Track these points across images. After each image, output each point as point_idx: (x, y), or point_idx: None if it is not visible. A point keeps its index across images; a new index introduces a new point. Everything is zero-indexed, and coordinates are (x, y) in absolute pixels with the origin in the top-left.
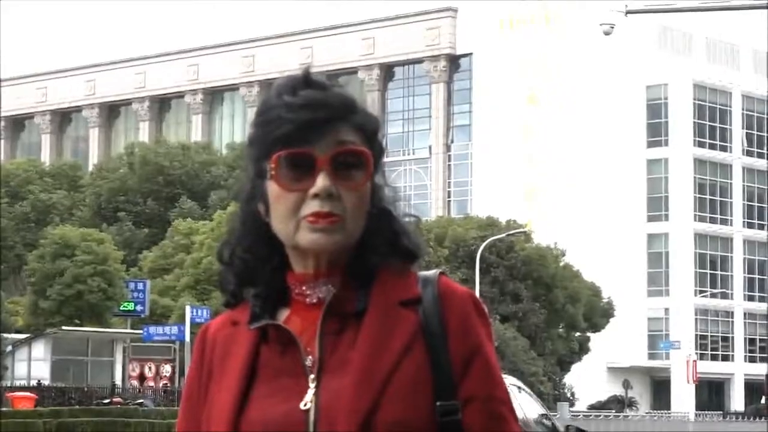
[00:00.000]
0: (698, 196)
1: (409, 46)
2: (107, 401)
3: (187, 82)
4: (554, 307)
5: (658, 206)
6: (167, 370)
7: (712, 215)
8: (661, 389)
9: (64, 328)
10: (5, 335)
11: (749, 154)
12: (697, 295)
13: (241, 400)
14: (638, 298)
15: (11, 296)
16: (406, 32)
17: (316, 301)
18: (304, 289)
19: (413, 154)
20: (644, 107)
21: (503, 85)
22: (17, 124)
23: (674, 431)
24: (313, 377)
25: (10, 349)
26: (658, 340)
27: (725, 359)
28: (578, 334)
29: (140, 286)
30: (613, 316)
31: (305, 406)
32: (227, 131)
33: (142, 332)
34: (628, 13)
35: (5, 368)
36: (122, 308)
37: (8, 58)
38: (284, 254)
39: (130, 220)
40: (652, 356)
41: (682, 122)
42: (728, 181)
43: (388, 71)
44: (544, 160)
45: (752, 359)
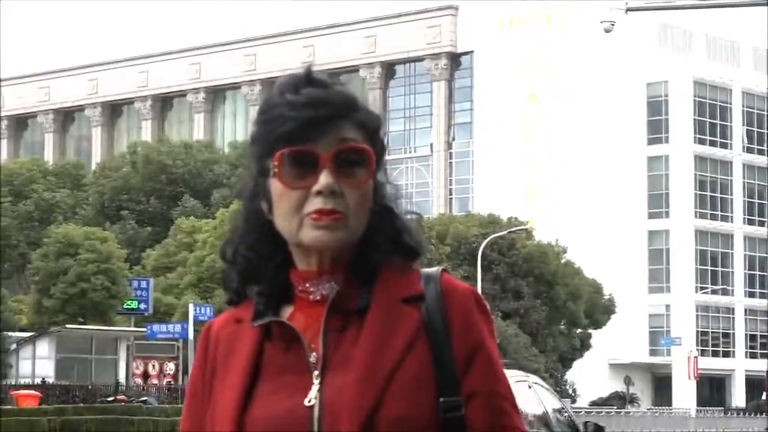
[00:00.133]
0: (699, 192)
1: (410, 44)
2: (111, 399)
3: (189, 80)
4: (556, 303)
5: (658, 203)
6: (171, 367)
7: (712, 212)
8: (662, 385)
9: (68, 326)
10: (9, 334)
11: (749, 150)
12: (697, 291)
13: (245, 397)
14: (639, 294)
15: (15, 295)
16: (407, 30)
17: (319, 298)
18: (307, 286)
19: (415, 151)
20: (645, 104)
21: (504, 82)
22: (20, 123)
23: (675, 427)
24: (317, 374)
25: (14, 347)
26: (659, 336)
27: (726, 355)
28: (579, 330)
29: (143, 284)
30: (614, 312)
31: (309, 402)
32: (229, 130)
33: (145, 330)
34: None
35: (9, 366)
36: (126, 306)
37: (11, 57)
38: (287, 252)
39: (133, 218)
40: (653, 353)
41: (682, 119)
42: (729, 177)
43: (389, 69)
44: (545, 157)
45: (753, 355)
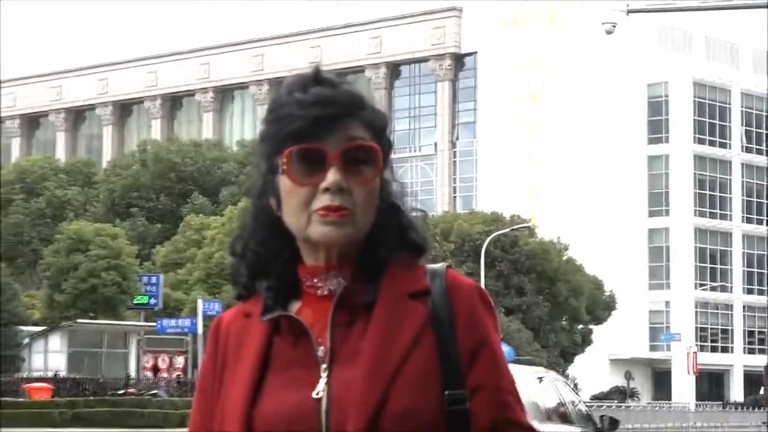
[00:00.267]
0: (698, 191)
1: (415, 45)
2: (122, 392)
3: (198, 80)
4: (557, 300)
5: (659, 202)
6: (180, 361)
7: (711, 210)
8: (662, 380)
9: (79, 321)
10: (22, 328)
11: (748, 150)
12: (697, 288)
13: (254, 390)
14: (640, 291)
15: (28, 290)
16: (412, 31)
17: (327, 293)
18: (315, 281)
19: (419, 150)
20: (645, 105)
21: (507, 83)
22: (33, 122)
23: (675, 421)
24: (324, 367)
25: (27, 341)
26: (659, 332)
27: (725, 351)
28: (581, 326)
29: (153, 279)
30: (615, 308)
31: (317, 395)
32: (237, 129)
33: (155, 325)
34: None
35: (22, 360)
36: (136, 302)
37: (23, 57)
38: (296, 247)
39: (143, 215)
40: (653, 348)
41: (682, 119)
42: (728, 177)
43: (394, 70)
44: (547, 156)
45: (751, 351)
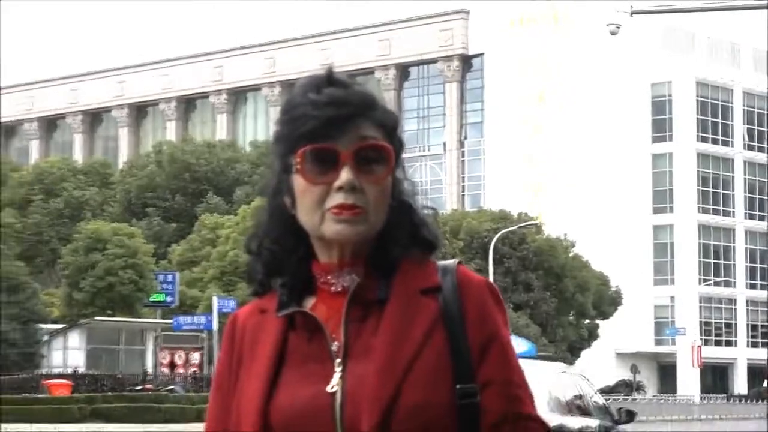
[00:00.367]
0: (701, 189)
1: (423, 46)
2: (139, 388)
3: (211, 83)
4: (564, 295)
5: (663, 199)
6: (196, 357)
7: (714, 207)
8: (667, 373)
9: (97, 318)
10: (42, 326)
11: (750, 148)
12: (701, 283)
13: (270, 385)
14: (645, 286)
15: (47, 288)
16: (420, 34)
17: (340, 289)
18: (329, 278)
19: (428, 150)
20: (649, 104)
21: (514, 83)
22: (50, 124)
23: (680, 414)
24: (338, 362)
25: (46, 338)
26: (664, 326)
27: (728, 345)
28: (588, 321)
29: (169, 278)
30: (620, 304)
31: (332, 389)
32: (251, 130)
33: (171, 322)
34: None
35: (42, 357)
36: (152, 299)
37: (41, 61)
38: (310, 245)
39: (158, 215)
40: (658, 342)
41: (685, 118)
42: (730, 174)
43: (403, 71)
44: (553, 155)
45: (754, 344)
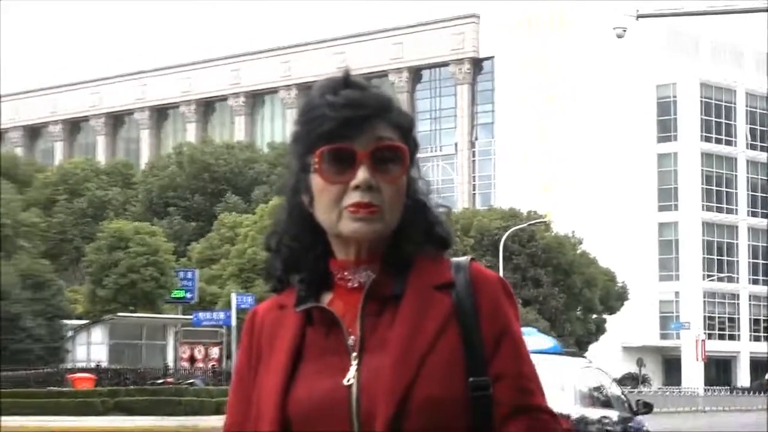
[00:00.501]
0: (705, 187)
1: (435, 50)
2: (160, 381)
3: (230, 86)
4: (572, 291)
5: (668, 197)
6: (215, 352)
7: (718, 205)
8: (672, 367)
9: (119, 314)
10: (66, 321)
11: (753, 147)
12: (705, 279)
13: (288, 378)
14: (650, 282)
15: (71, 285)
16: (432, 37)
17: (357, 285)
18: (345, 274)
19: (440, 150)
20: (654, 105)
21: (523, 86)
22: (74, 126)
23: (685, 406)
24: (355, 355)
25: (71, 334)
26: (669, 321)
27: (732, 338)
28: (595, 316)
29: (189, 275)
30: (627, 299)
31: (348, 381)
32: (268, 131)
33: (191, 318)
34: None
35: (66, 351)
36: (173, 296)
37: (64, 65)
38: (327, 242)
39: (179, 214)
40: (663, 336)
41: (689, 119)
42: (733, 173)
43: (416, 74)
44: (561, 154)
45: (757, 338)
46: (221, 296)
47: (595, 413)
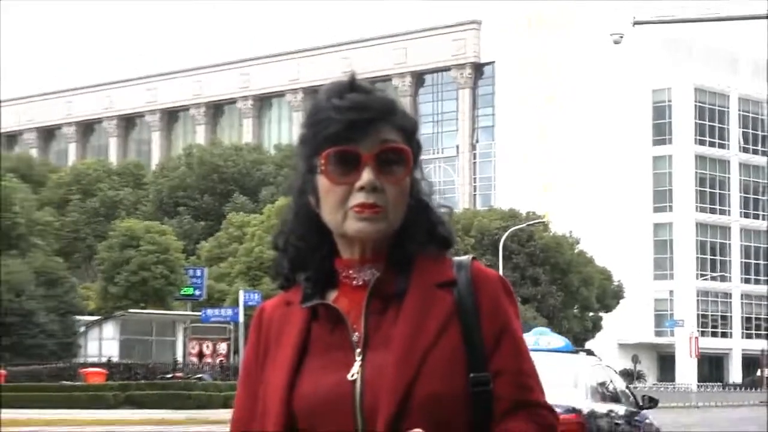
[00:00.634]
0: (699, 189)
1: (437, 55)
2: (170, 376)
3: (238, 89)
4: (570, 289)
5: (663, 198)
6: (223, 348)
7: (711, 206)
8: (666, 363)
9: (130, 310)
10: (79, 317)
11: (745, 150)
12: (698, 278)
13: (294, 373)
14: (645, 281)
15: (84, 282)
16: (435, 43)
17: (361, 283)
18: (350, 272)
19: (442, 152)
20: (650, 109)
21: (523, 90)
22: (87, 128)
23: (679, 401)
24: (359, 351)
25: (83, 329)
26: (663, 319)
27: (724, 336)
28: (591, 314)
29: (198, 272)
30: (623, 297)
31: (352, 377)
32: (275, 133)
33: (200, 314)
34: (635, 23)
35: (79, 347)
36: (182, 293)
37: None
38: (333, 242)
39: (188, 213)
40: (658, 333)
41: (684, 122)
42: (726, 175)
43: (419, 78)
44: (559, 157)
45: (749, 336)
46: (229, 293)
47: (603, 407)
